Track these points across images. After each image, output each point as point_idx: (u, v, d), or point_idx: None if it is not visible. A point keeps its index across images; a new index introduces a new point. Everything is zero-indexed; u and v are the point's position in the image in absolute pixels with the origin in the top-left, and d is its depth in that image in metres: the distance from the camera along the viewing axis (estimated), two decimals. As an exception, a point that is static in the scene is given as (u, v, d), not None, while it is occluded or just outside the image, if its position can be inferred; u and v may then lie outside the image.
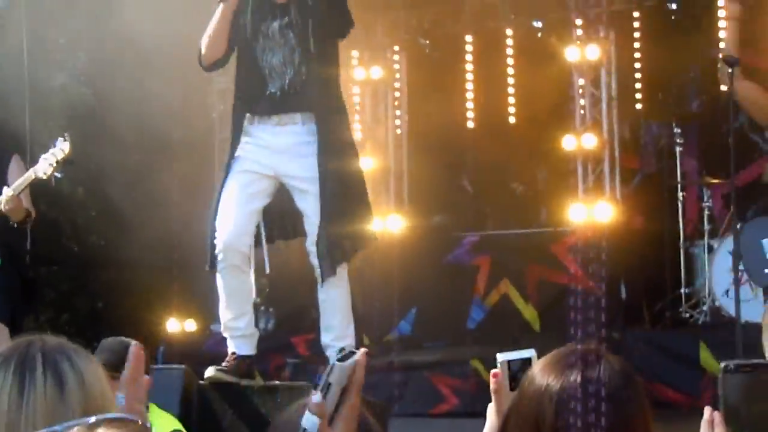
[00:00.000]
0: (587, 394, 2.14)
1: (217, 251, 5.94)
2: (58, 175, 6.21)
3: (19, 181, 6.27)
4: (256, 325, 6.48)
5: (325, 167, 5.85)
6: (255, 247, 6.09)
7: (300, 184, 5.95)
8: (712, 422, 2.19)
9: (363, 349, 1.78)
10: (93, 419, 1.39)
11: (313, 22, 5.89)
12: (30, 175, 6.22)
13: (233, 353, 6.10)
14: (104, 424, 1.34)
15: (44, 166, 6.20)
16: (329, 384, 1.78)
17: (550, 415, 2.15)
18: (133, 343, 1.73)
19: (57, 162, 6.19)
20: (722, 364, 1.61)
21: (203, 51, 6.08)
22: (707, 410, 2.25)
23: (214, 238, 5.95)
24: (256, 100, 5.97)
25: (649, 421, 2.19)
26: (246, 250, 6.00)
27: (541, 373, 2.22)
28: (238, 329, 6.08)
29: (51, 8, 10.21)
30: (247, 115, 6.02)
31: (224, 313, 6.12)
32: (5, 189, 6.24)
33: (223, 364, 6.13)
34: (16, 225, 6.25)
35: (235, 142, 6.06)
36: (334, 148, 5.92)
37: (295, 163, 5.93)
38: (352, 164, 6.09)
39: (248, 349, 6.10)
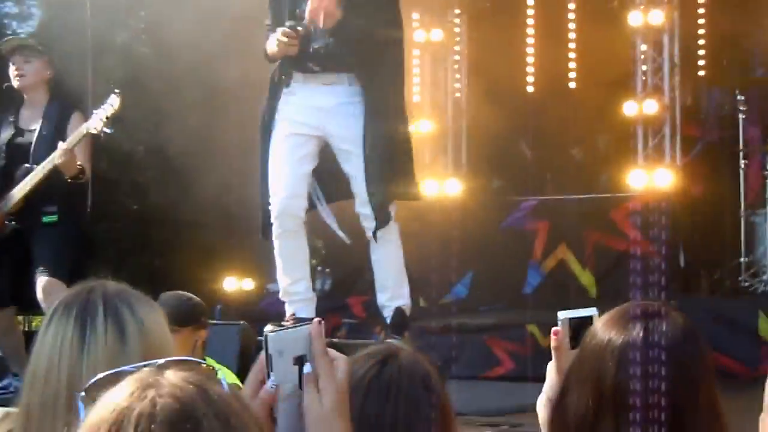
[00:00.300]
0: (649, 349, 2.12)
1: (272, 218, 5.93)
2: (108, 130, 6.23)
3: (73, 135, 6.31)
4: (313, 286, 6.47)
5: (369, 129, 5.80)
6: (309, 209, 6.08)
7: (344, 144, 5.90)
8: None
9: (316, 319, 1.73)
10: (162, 361, 1.39)
11: None
12: (82, 130, 6.26)
13: (293, 314, 6.10)
14: (173, 366, 1.34)
15: (95, 122, 6.23)
16: (269, 355, 1.71)
17: (612, 370, 2.13)
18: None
19: (107, 117, 6.21)
20: None
21: (269, 51, 6.00)
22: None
23: (267, 205, 5.93)
24: (301, 55, 5.90)
25: (712, 376, 2.17)
26: (301, 214, 5.98)
27: (603, 329, 2.20)
28: (297, 293, 6.08)
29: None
30: (293, 72, 5.95)
31: (282, 279, 6.12)
32: (60, 143, 6.29)
33: (283, 323, 6.14)
34: (69, 180, 6.29)
35: (275, 98, 5.99)
36: (380, 110, 5.86)
37: (341, 123, 5.88)
38: (399, 127, 6.03)
39: (307, 312, 6.11)
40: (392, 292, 6.00)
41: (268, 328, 6.22)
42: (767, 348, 8.11)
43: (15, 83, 6.68)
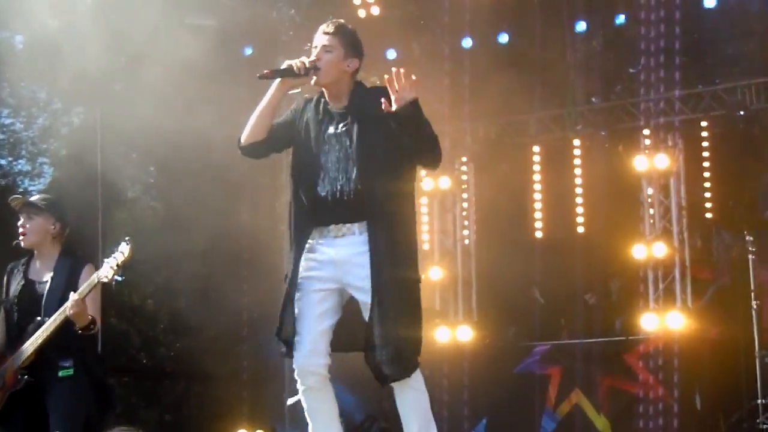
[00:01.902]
0: None
1: (295, 375, 5.95)
2: (119, 278, 6.23)
3: (84, 285, 6.31)
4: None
5: (377, 277, 5.81)
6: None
7: (362, 295, 5.93)
8: None
9: None
10: None
11: (368, 130, 5.90)
12: (93, 279, 6.26)
13: None
14: None
15: (106, 270, 6.23)
16: None
17: None
18: None
19: (117, 265, 6.22)
20: None
21: (243, 134, 6.07)
22: None
23: (291, 340, 5.92)
24: (310, 207, 5.95)
25: None
26: (322, 371, 5.95)
27: None
28: None
29: (122, 126, 10.43)
30: (307, 228, 6.00)
31: None
32: (71, 294, 6.28)
33: None
34: (80, 331, 6.27)
35: (298, 255, 6.04)
36: (387, 257, 5.88)
37: (356, 273, 5.91)
38: (407, 274, 6.04)
39: None
40: None
41: None
42: (788, 490, 7.96)
43: (20, 240, 6.71)
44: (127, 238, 6.24)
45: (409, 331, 5.95)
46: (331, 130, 5.93)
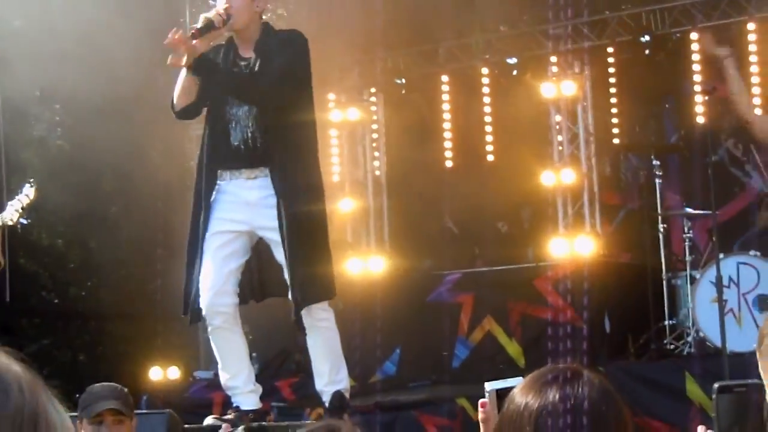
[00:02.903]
0: (565, 410, 2.12)
1: (203, 314, 5.98)
2: (24, 221, 6.18)
3: (-13, 228, 6.22)
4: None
5: (283, 216, 5.86)
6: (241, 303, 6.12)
7: (274, 235, 5.97)
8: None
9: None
10: None
11: (274, 74, 5.93)
12: (-3, 220, 6.18)
13: (236, 407, 6.11)
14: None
15: (10, 212, 6.16)
16: None
17: None
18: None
19: (23, 208, 6.15)
20: (716, 385, 1.61)
21: (174, 98, 6.11)
22: (700, 429, 2.20)
23: (197, 296, 5.96)
24: (223, 154, 6.00)
25: None
26: (229, 311, 6.03)
27: (520, 393, 2.20)
28: (236, 387, 6.15)
29: (23, 62, 10.20)
30: (219, 171, 6.03)
31: (221, 373, 6.18)
32: (-28, 236, 6.19)
33: (226, 416, 6.13)
34: (-15, 272, 6.19)
35: (205, 198, 6.04)
36: (293, 195, 5.92)
37: (267, 215, 5.94)
38: (313, 209, 6.08)
39: (251, 403, 6.14)
40: (329, 377, 6.05)
41: (209, 420, 6.19)
42: (696, 408, 8.14)
43: None
44: (31, 180, 6.18)
45: (319, 265, 6.00)
46: (240, 77, 5.96)
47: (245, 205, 5.98)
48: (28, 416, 1.04)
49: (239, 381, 6.13)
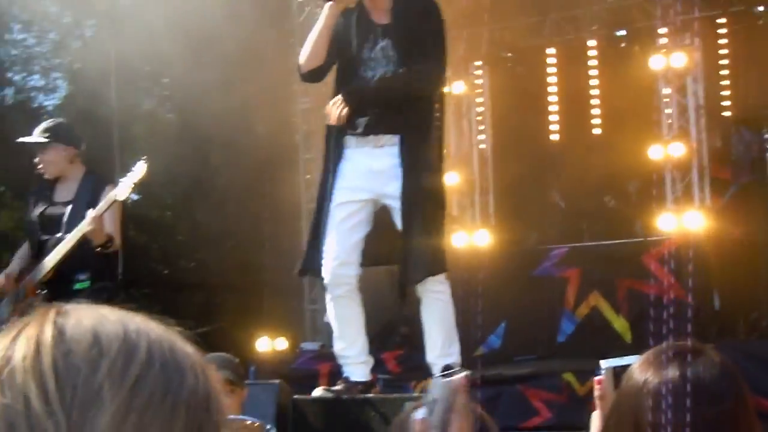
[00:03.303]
0: (685, 388, 2.10)
1: (324, 283, 6.00)
2: (135, 196, 6.29)
3: (101, 204, 6.33)
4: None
5: (408, 186, 5.85)
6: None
7: (397, 204, 5.95)
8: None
9: (464, 372, 1.77)
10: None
11: (413, 43, 5.90)
12: (110, 197, 6.28)
13: (346, 377, 6.14)
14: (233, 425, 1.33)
15: (122, 189, 6.25)
16: (434, 400, 1.79)
17: (649, 410, 2.11)
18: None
19: (135, 184, 6.24)
20: None
21: (302, 60, 6.08)
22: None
23: (319, 263, 5.98)
24: (351, 121, 5.97)
25: (751, 413, 2.14)
26: (352, 281, 6.03)
27: (638, 370, 2.19)
28: (349, 357, 6.15)
29: (135, 36, 10.36)
30: (346, 137, 6.02)
31: (336, 342, 6.19)
32: (89, 211, 6.31)
33: (335, 387, 6.17)
34: (98, 248, 6.30)
35: (334, 162, 6.05)
36: (418, 166, 5.91)
37: (393, 184, 5.93)
38: (436, 182, 6.07)
39: (361, 375, 6.14)
40: (441, 350, 6.02)
41: (318, 391, 6.24)
42: (808, 388, 7.97)
43: (43, 175, 6.77)
44: (144, 157, 6.26)
45: (437, 238, 6.00)
46: (378, 47, 5.94)
47: (371, 173, 5.97)
48: (201, 399, 1.06)
49: (354, 351, 6.14)
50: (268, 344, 11.03)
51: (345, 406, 6.06)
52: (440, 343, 6.00)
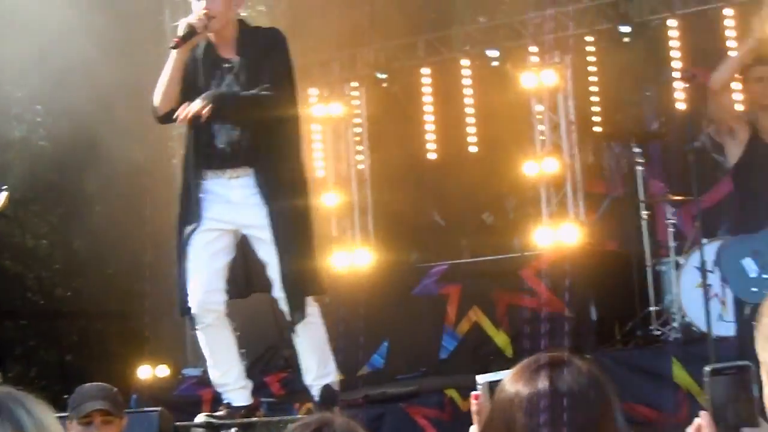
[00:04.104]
0: (554, 398, 2.15)
1: (192, 313, 5.99)
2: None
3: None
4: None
5: (270, 214, 5.89)
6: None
7: (257, 232, 6.00)
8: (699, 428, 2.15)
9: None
10: None
11: (258, 79, 5.94)
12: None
13: (227, 403, 6.14)
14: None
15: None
16: None
17: (521, 422, 2.16)
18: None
19: (-5, 213, 6.15)
20: (708, 368, 1.65)
21: (156, 102, 6.09)
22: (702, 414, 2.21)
23: (186, 294, 5.98)
24: (206, 154, 6.02)
25: (619, 420, 2.19)
26: (218, 308, 6.05)
27: (510, 383, 2.24)
28: (227, 384, 6.18)
29: (6, 62, 10.17)
30: (203, 170, 6.04)
31: (212, 371, 6.20)
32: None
33: (216, 413, 6.16)
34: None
35: (191, 197, 6.06)
36: (278, 193, 5.95)
37: (250, 213, 5.97)
38: (299, 205, 6.11)
39: (242, 399, 6.17)
40: (317, 372, 6.09)
41: (201, 417, 6.20)
42: (683, 394, 8.19)
43: None
44: (4, 186, 6.17)
45: (307, 261, 6.02)
46: (224, 84, 5.97)
47: (228, 204, 6.01)
48: None
49: (230, 378, 6.15)
50: (150, 371, 10.90)
51: (226, 429, 6.04)
52: (315, 365, 6.07)
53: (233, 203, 5.99)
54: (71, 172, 11.76)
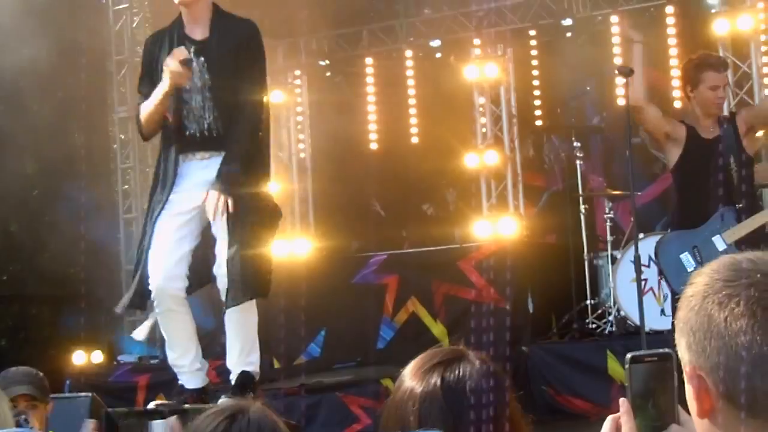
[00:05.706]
0: (447, 394, 2.17)
1: (152, 296, 5.96)
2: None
3: None
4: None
5: (234, 201, 5.86)
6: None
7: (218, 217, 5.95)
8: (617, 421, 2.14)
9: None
10: None
11: (229, 69, 5.91)
12: None
13: (181, 385, 6.13)
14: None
15: None
16: None
17: (414, 418, 2.17)
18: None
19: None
20: (628, 356, 1.66)
21: (143, 120, 6.06)
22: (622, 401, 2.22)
23: (147, 282, 5.94)
24: (177, 139, 6.00)
25: (514, 413, 2.21)
26: (178, 293, 6.02)
27: (407, 378, 2.25)
28: (182, 366, 6.16)
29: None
30: (176, 154, 6.03)
31: (169, 352, 6.21)
32: None
33: (171, 398, 6.17)
34: None
35: (165, 178, 6.03)
36: (239, 180, 5.92)
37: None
38: (259, 195, 6.09)
39: (196, 382, 6.15)
40: (238, 357, 6.05)
41: (153, 405, 6.17)
42: (617, 386, 8.26)
43: None
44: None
45: (255, 251, 5.99)
46: (194, 65, 5.90)
47: (196, 185, 5.98)
48: None
49: (187, 360, 6.15)
50: (85, 357, 10.81)
51: (160, 417, 5.99)
52: (237, 352, 6.05)
53: (201, 184, 5.96)
54: (8, 155, 11.62)
